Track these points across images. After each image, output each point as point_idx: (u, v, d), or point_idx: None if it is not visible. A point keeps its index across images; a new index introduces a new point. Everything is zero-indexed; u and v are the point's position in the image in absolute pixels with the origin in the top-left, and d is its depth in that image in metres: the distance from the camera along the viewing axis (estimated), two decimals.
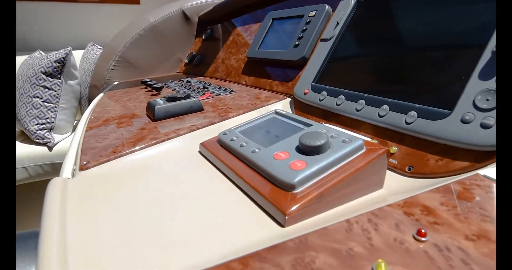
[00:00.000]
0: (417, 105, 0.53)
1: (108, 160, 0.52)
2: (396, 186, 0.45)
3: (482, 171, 0.38)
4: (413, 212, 0.30)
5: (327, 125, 0.60)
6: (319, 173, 0.38)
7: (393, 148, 0.53)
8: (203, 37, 1.59)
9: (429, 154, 0.48)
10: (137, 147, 0.56)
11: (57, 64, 1.84)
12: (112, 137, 0.62)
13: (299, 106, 0.78)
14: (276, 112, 0.60)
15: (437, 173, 0.46)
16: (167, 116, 0.72)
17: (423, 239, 0.26)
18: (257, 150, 0.45)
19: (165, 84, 1.22)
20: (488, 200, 0.32)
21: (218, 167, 0.50)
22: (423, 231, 0.27)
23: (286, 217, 0.33)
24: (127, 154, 0.54)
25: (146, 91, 1.12)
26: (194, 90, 1.02)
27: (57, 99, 1.88)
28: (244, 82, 1.06)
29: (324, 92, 0.71)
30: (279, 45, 0.97)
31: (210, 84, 1.09)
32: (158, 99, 0.76)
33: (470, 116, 0.45)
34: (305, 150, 0.42)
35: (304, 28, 0.90)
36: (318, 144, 0.41)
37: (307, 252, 0.26)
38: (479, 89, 0.46)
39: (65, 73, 1.92)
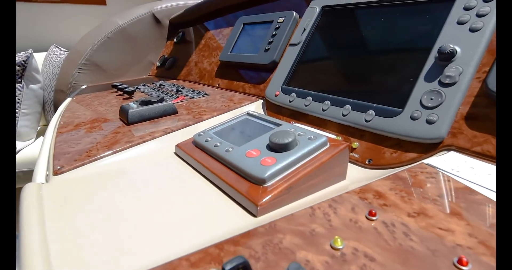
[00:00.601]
0: (375, 105, 0.58)
1: (83, 164, 0.52)
2: (357, 176, 0.50)
3: (426, 161, 0.44)
4: (367, 197, 0.35)
5: (296, 124, 0.64)
6: (287, 168, 0.42)
7: (355, 143, 0.59)
8: (175, 40, 1.59)
9: (385, 148, 0.54)
10: (113, 150, 0.57)
11: (17, 67, 1.75)
12: (85, 141, 0.62)
13: (271, 107, 0.82)
14: (248, 114, 0.64)
15: (392, 164, 0.51)
16: (141, 120, 0.73)
17: (373, 218, 0.31)
18: (230, 149, 0.48)
19: (137, 88, 1.21)
20: (428, 184, 0.37)
21: (194, 167, 0.52)
22: (373, 211, 0.31)
23: (258, 208, 0.37)
24: (102, 157, 0.55)
25: (117, 95, 1.11)
26: (168, 93, 1.03)
27: (18, 104, 1.79)
28: (217, 85, 1.09)
29: (294, 94, 0.75)
30: (250, 49, 1.00)
31: (183, 87, 1.10)
32: (131, 103, 0.76)
33: (418, 113, 0.52)
34: (275, 147, 0.45)
35: (274, 33, 0.94)
36: (286, 142, 0.44)
37: (275, 235, 0.29)
38: (424, 90, 0.53)
39: (26, 77, 1.83)
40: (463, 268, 0.24)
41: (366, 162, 0.55)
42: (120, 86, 1.09)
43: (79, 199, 0.42)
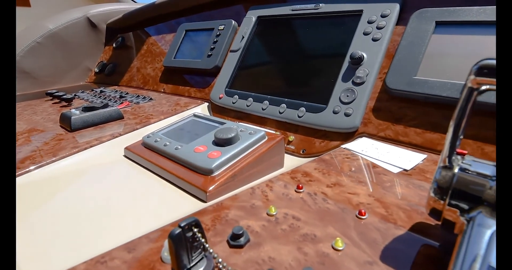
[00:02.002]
0: (305, 103, 0.68)
1: (28, 172, 0.51)
2: (292, 164, 0.58)
3: (344, 145, 0.54)
4: (297, 176, 0.43)
5: (239, 123, 0.70)
6: (231, 159, 0.48)
7: (291, 137, 0.67)
8: (114, 45, 1.55)
9: (315, 139, 0.64)
10: (58, 156, 0.56)
11: None
12: (26, 150, 0.60)
13: (216, 109, 0.87)
14: (195, 115, 0.69)
15: (321, 151, 0.61)
16: (85, 126, 0.72)
17: (300, 190, 0.39)
18: (179, 147, 0.53)
19: (75, 95, 1.16)
20: (343, 163, 0.46)
21: (144, 166, 0.55)
22: (300, 186, 0.39)
23: (207, 194, 0.42)
24: (48, 163, 0.54)
25: (53, 103, 1.05)
26: (111, 99, 1.01)
27: None
28: (162, 90, 1.10)
29: (236, 96, 0.82)
30: (193, 55, 1.05)
31: (127, 93, 1.10)
32: (73, 110, 0.75)
33: (338, 108, 0.62)
34: (220, 142, 0.51)
35: (215, 40, 1.00)
36: (229, 137, 0.51)
37: (222, 211, 0.35)
38: (342, 88, 0.64)
39: None
40: (362, 217, 0.33)
41: (301, 152, 0.64)
42: (56, 94, 1.03)
43: (31, 204, 0.43)
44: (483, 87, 0.24)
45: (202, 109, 0.90)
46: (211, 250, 0.25)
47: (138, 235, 0.32)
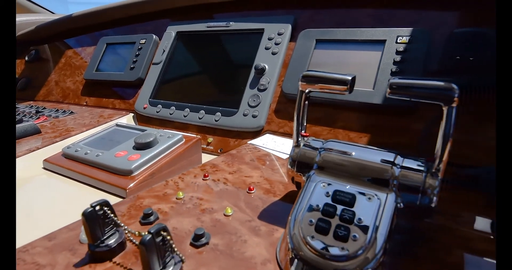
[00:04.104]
0: (220, 108, 0.78)
1: None
2: None
3: (250, 141, 0.65)
4: (206, 168, 0.51)
5: (161, 129, 0.76)
6: (150, 160, 0.54)
7: (210, 138, 0.76)
8: (26, 58, 1.45)
9: (230, 139, 0.74)
10: None
11: None
12: None
13: (141, 118, 0.91)
14: (117, 125, 0.72)
15: (234, 149, 0.71)
16: None
17: (206, 178, 0.47)
18: (100, 154, 0.57)
19: None
20: (246, 155, 0.57)
21: (66, 175, 0.57)
22: (206, 174, 0.47)
23: (127, 191, 0.47)
24: None
25: None
26: (26, 115, 0.97)
27: None
28: (85, 103, 1.09)
29: (160, 105, 0.88)
30: (116, 68, 1.07)
31: (44, 108, 1.05)
32: None
33: (247, 111, 0.73)
34: (139, 146, 0.57)
35: (137, 53, 1.04)
36: (148, 141, 0.57)
37: (137, 201, 0.41)
38: (250, 95, 0.75)
39: None
40: (251, 191, 0.43)
41: (219, 151, 0.73)
42: None
43: None
44: (307, 90, 0.36)
45: (128, 119, 0.93)
46: (121, 224, 0.31)
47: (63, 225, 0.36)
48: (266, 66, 0.76)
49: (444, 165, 0.29)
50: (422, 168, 0.30)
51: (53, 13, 2.09)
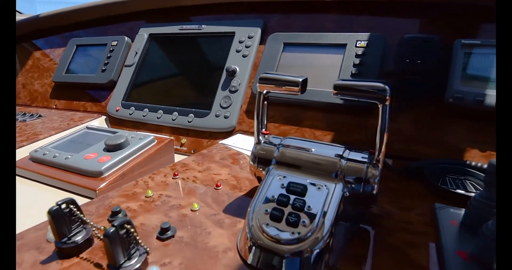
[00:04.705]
0: (193, 109, 0.79)
1: None
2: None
3: (222, 141, 0.67)
4: (176, 168, 0.53)
5: (132, 131, 0.77)
6: (121, 161, 0.55)
7: (183, 139, 0.77)
8: None
9: (203, 139, 0.75)
10: None
11: None
12: None
13: (114, 121, 0.91)
14: (88, 127, 0.72)
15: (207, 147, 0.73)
16: None
17: (176, 177, 0.49)
18: (69, 157, 0.57)
19: None
20: (216, 154, 0.59)
21: (33, 179, 0.57)
22: (176, 173, 0.49)
23: (96, 192, 0.48)
24: None
25: None
26: None
27: None
28: (54, 106, 1.06)
29: (133, 108, 0.88)
30: (86, 70, 1.05)
31: None
32: None
33: (219, 112, 0.75)
34: (110, 148, 0.57)
35: (109, 55, 1.03)
36: (118, 142, 0.57)
37: (107, 200, 0.42)
38: (221, 96, 0.77)
39: None
40: (218, 188, 0.45)
41: (192, 151, 0.75)
42: None
43: None
44: (265, 91, 0.38)
45: (100, 122, 0.92)
46: (88, 221, 0.32)
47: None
48: (237, 68, 0.79)
49: (383, 156, 0.33)
50: (365, 160, 0.34)
51: (20, 13, 2.01)
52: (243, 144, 0.64)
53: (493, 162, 0.32)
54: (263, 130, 0.41)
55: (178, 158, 0.68)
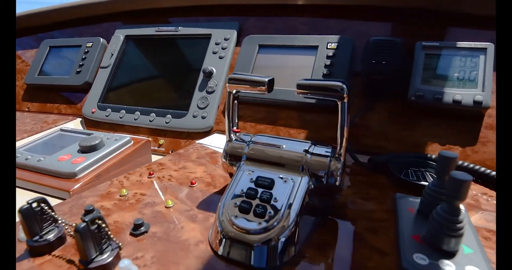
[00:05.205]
0: (171, 110, 0.80)
1: None
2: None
3: (198, 141, 0.68)
4: (152, 167, 0.53)
5: (108, 133, 0.76)
6: (96, 162, 0.55)
7: (161, 140, 0.78)
8: None
9: (181, 140, 0.76)
10: None
11: None
12: None
13: (90, 123, 0.90)
14: (62, 129, 0.71)
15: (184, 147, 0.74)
16: None
17: (152, 176, 0.50)
18: (42, 159, 0.56)
19: None
20: (192, 153, 0.60)
21: None
22: (151, 172, 0.50)
23: (70, 193, 0.48)
24: None
25: None
26: None
27: None
28: (27, 109, 1.03)
29: (109, 109, 0.87)
30: (60, 72, 1.03)
31: None
32: None
33: (196, 113, 0.77)
34: (84, 150, 0.57)
35: (84, 56, 1.01)
36: (93, 144, 0.57)
37: (80, 200, 0.43)
38: (199, 97, 0.78)
39: None
40: (193, 185, 0.46)
41: (170, 152, 0.75)
42: None
43: None
44: (234, 91, 0.40)
45: (75, 124, 0.90)
46: (59, 219, 0.33)
47: None
48: (214, 70, 0.80)
49: (345, 150, 0.35)
50: (328, 154, 0.36)
51: None
52: (219, 143, 0.66)
53: (443, 153, 0.35)
54: (234, 128, 0.43)
55: (156, 159, 0.69)
